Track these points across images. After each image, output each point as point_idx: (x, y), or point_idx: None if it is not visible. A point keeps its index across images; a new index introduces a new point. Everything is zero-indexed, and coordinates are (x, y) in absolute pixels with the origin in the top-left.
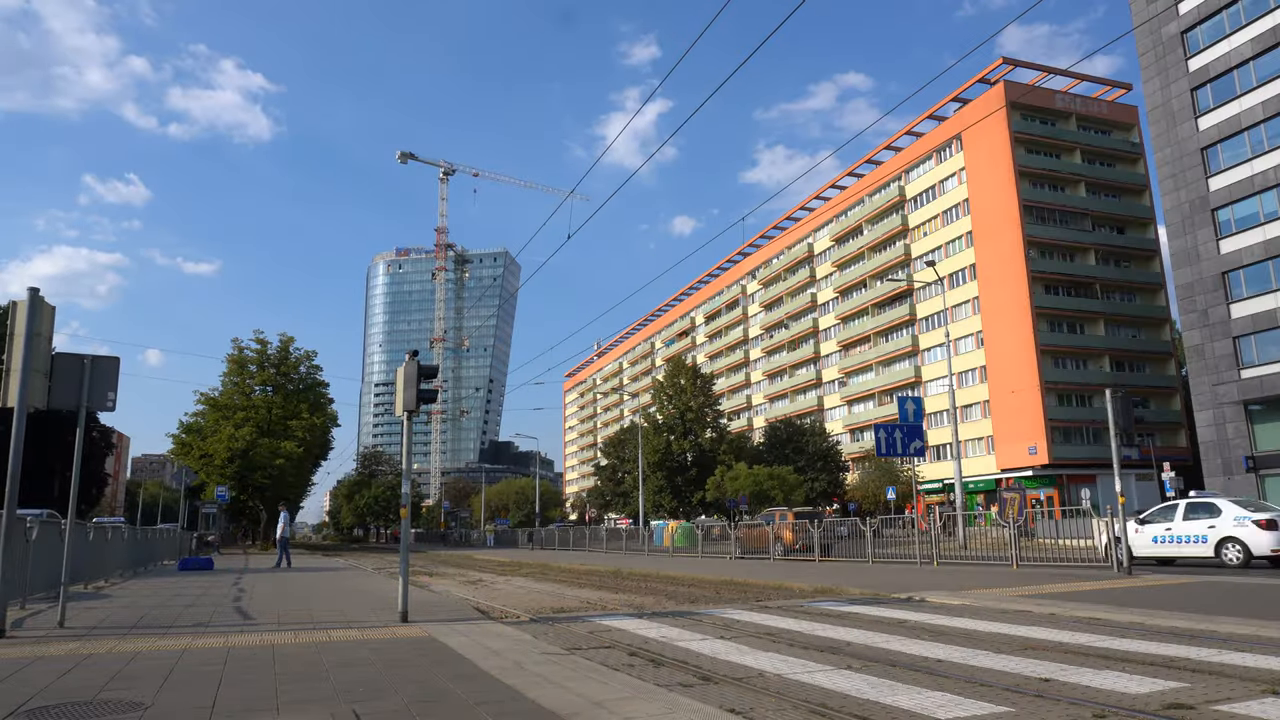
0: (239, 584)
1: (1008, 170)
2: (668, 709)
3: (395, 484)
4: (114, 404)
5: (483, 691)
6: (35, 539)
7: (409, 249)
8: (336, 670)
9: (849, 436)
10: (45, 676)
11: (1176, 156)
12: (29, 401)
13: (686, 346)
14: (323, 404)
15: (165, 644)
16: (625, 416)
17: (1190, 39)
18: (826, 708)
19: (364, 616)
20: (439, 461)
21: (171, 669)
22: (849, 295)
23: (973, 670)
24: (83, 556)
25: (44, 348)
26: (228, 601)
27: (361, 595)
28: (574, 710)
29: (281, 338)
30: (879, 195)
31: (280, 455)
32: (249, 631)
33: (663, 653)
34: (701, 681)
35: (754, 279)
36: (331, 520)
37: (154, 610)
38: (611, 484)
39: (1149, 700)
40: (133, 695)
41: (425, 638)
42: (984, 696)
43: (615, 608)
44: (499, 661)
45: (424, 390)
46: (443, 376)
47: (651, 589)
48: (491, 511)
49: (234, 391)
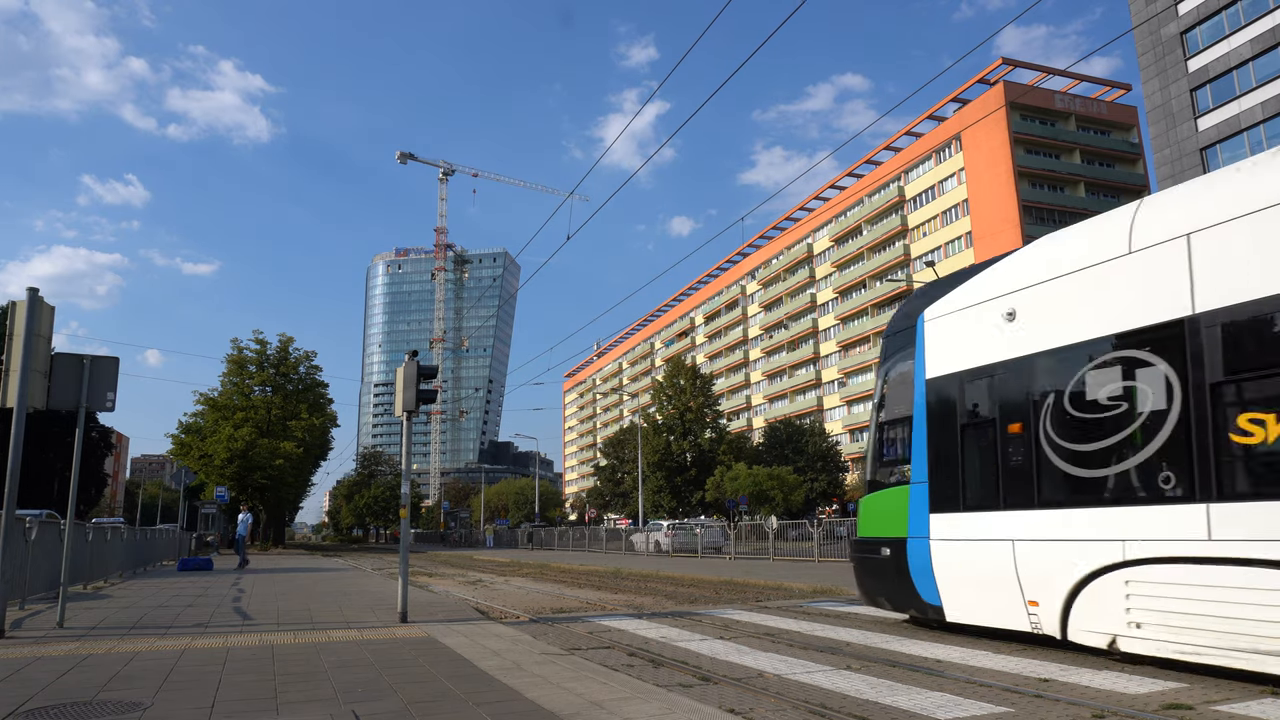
0: (238, 584)
1: (1007, 171)
2: (667, 709)
3: (395, 484)
4: (113, 404)
5: (482, 692)
6: (34, 539)
7: (408, 249)
8: (336, 671)
9: (848, 437)
10: (45, 677)
11: (1176, 157)
12: (28, 402)
13: (686, 347)
14: (322, 404)
15: (165, 644)
16: (625, 417)
17: (1190, 39)
18: (826, 708)
19: (363, 617)
20: (438, 462)
21: (171, 669)
22: (848, 295)
23: (972, 670)
24: (82, 557)
25: (43, 348)
26: (227, 602)
27: (361, 595)
28: (573, 710)
29: (281, 338)
30: (878, 196)
31: (280, 456)
32: (248, 632)
33: (662, 653)
34: (701, 682)
35: (753, 279)
36: (331, 520)
37: (153, 610)
38: (611, 484)
39: (1148, 700)
40: (132, 695)
41: (425, 638)
42: (983, 697)
43: (615, 608)
44: (498, 662)
45: (424, 390)
46: (442, 377)
47: (651, 589)
48: (491, 512)
49: (233, 392)
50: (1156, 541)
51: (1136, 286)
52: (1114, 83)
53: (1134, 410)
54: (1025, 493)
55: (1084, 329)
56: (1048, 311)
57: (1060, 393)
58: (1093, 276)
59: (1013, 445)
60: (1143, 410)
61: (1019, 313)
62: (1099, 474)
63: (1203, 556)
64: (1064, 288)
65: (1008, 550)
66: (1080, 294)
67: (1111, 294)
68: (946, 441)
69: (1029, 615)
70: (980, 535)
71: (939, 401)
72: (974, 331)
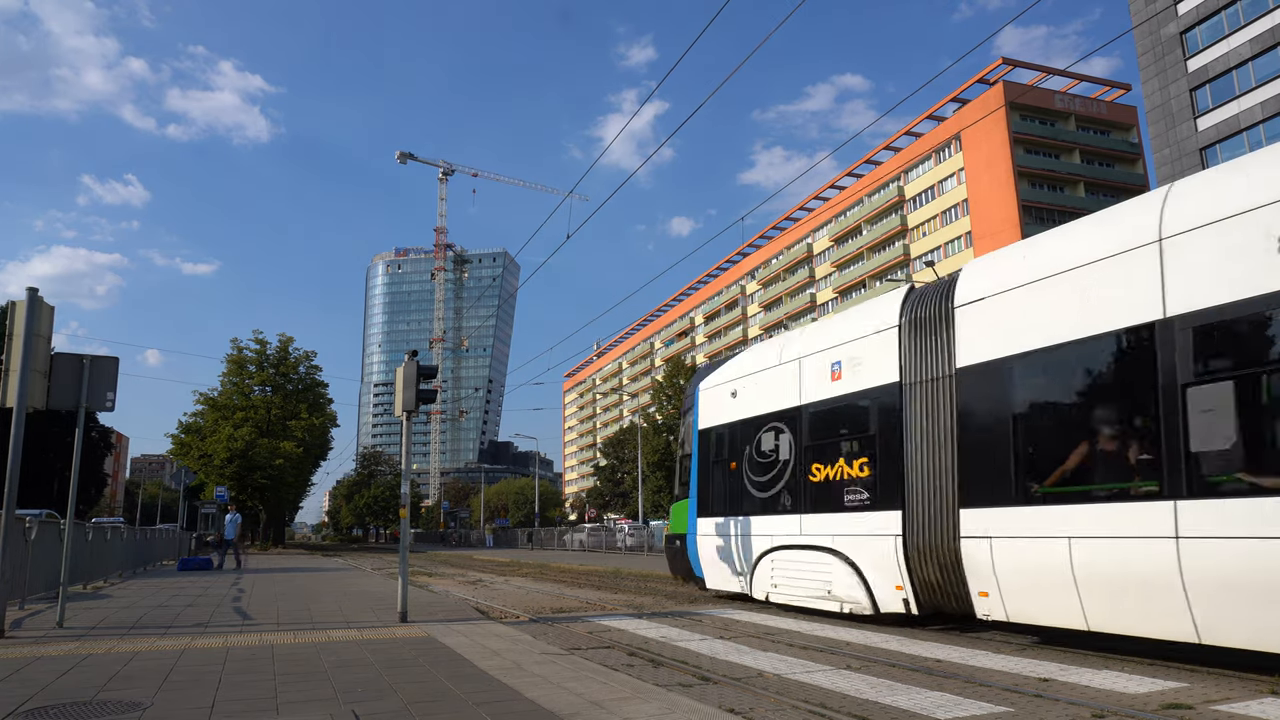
0: (238, 584)
1: (1007, 170)
2: (667, 709)
3: (394, 484)
4: (113, 404)
5: (482, 692)
6: (34, 539)
7: (408, 249)
8: (336, 670)
9: None
10: (45, 676)
11: (1176, 157)
12: (28, 401)
13: (686, 347)
14: (322, 404)
15: (164, 644)
16: (625, 417)
17: (1189, 39)
18: (826, 708)
19: (363, 617)
20: (438, 462)
21: (171, 669)
22: (848, 295)
23: (972, 670)
24: (82, 556)
25: (43, 348)
26: (227, 602)
27: (360, 595)
28: (573, 710)
29: (280, 338)
30: (878, 196)
31: (279, 455)
32: (248, 632)
33: (662, 653)
34: (701, 682)
35: (753, 279)
36: (331, 520)
37: (153, 610)
38: (611, 484)
39: (1148, 700)
40: (132, 695)
41: (424, 638)
42: (983, 696)
43: (614, 608)
44: (498, 662)
45: (423, 390)
46: (442, 377)
47: (650, 589)
48: (491, 512)
49: (233, 392)
50: (783, 536)
51: (782, 388)
52: (1114, 83)
53: (778, 458)
54: (737, 505)
55: (761, 407)
56: (747, 394)
57: (751, 444)
58: (762, 377)
59: (733, 476)
60: (781, 459)
61: (738, 393)
62: (766, 496)
63: (797, 544)
64: (753, 380)
65: (731, 540)
66: (759, 386)
67: (769, 389)
68: (705, 471)
69: (738, 580)
70: (719, 531)
71: (703, 445)
72: (719, 401)
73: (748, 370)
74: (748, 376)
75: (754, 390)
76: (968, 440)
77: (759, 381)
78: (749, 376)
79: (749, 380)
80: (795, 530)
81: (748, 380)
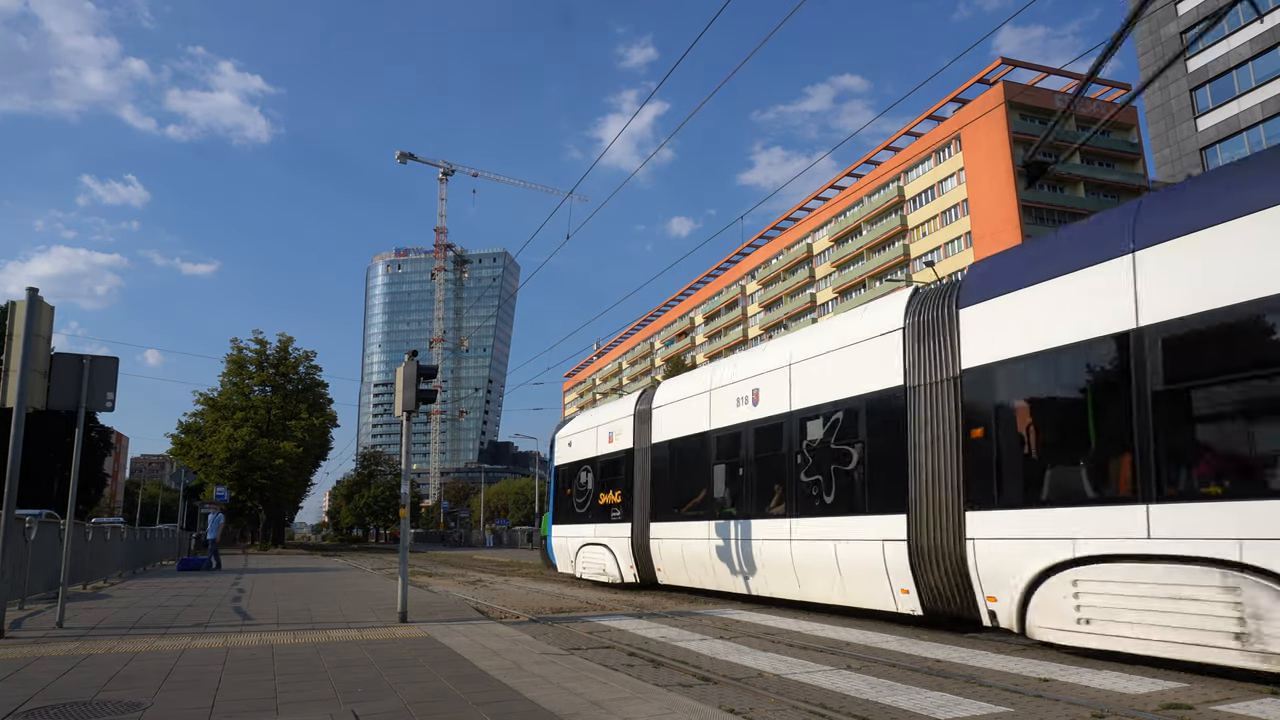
0: (238, 584)
1: (1007, 170)
2: (667, 709)
3: (394, 484)
4: (113, 404)
5: (482, 692)
6: (34, 539)
7: (408, 249)
8: (335, 670)
9: None
10: (44, 676)
11: (1176, 157)
12: (28, 401)
13: (686, 347)
14: (322, 404)
15: (164, 644)
16: None
17: (1189, 39)
18: (826, 708)
19: (363, 617)
20: (438, 462)
21: (171, 669)
22: (848, 295)
23: (972, 670)
24: (82, 557)
25: (43, 348)
26: (227, 602)
27: (360, 595)
28: (573, 710)
29: (280, 338)
30: (878, 196)
31: (279, 455)
32: (248, 632)
33: (662, 653)
34: (701, 682)
35: (753, 279)
36: (330, 520)
37: (153, 610)
38: None
39: (1148, 700)
40: (132, 695)
41: (424, 638)
42: (983, 696)
43: (615, 608)
44: (498, 662)
45: (423, 390)
46: (442, 377)
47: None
48: (491, 512)
49: (233, 392)
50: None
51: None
52: (1114, 83)
53: (588, 486)
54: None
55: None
56: (578, 443)
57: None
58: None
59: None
60: (588, 487)
61: (573, 443)
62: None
63: (592, 542)
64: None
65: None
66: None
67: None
68: (557, 494)
69: (579, 569)
70: (565, 534)
71: (557, 476)
72: (566, 446)
73: (579, 428)
74: (576, 434)
75: (579, 441)
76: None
77: (582, 437)
78: (577, 434)
79: (577, 436)
80: (590, 533)
81: (576, 435)
